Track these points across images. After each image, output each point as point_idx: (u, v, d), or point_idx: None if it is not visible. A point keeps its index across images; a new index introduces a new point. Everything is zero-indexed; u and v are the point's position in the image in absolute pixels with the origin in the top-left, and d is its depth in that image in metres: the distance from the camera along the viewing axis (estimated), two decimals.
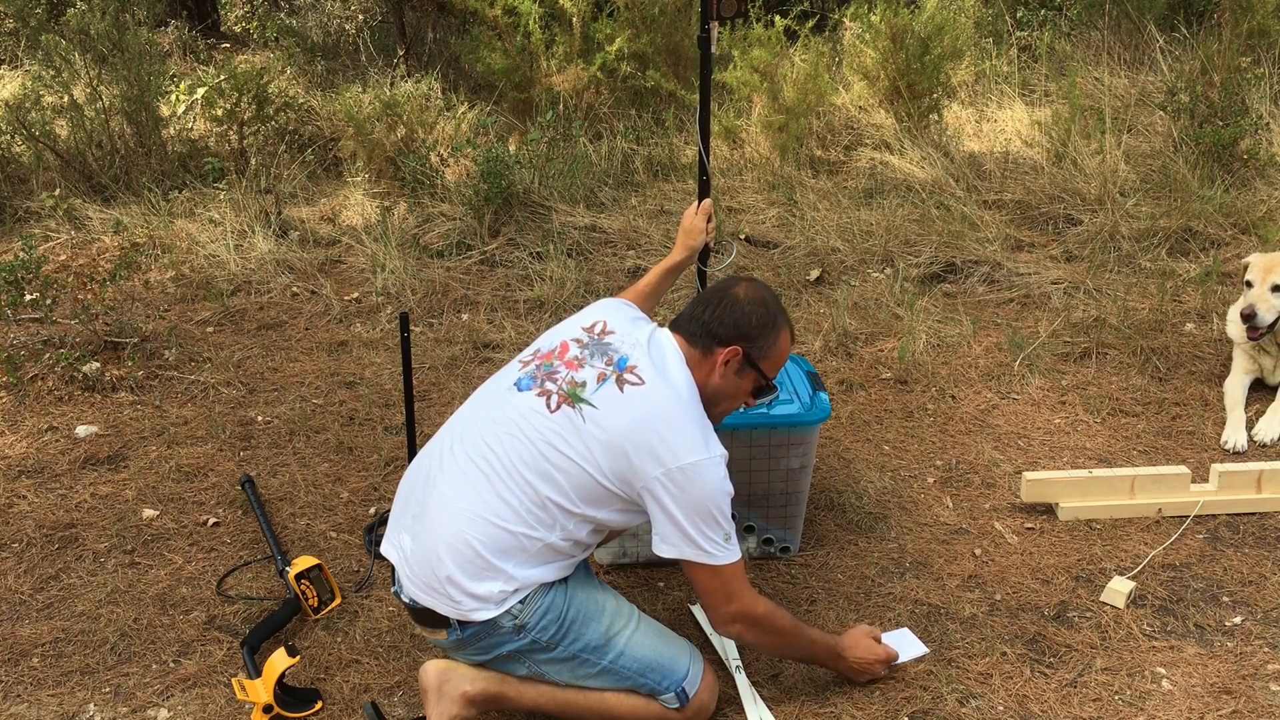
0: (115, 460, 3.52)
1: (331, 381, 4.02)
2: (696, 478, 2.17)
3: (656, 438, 2.17)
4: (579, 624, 2.26)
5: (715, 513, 2.20)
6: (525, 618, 2.22)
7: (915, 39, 6.03)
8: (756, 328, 2.32)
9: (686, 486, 2.17)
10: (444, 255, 5.06)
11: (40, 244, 4.97)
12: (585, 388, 2.24)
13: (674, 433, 2.18)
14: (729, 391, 2.36)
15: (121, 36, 5.92)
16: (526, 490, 2.20)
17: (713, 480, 2.19)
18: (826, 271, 4.82)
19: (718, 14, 2.65)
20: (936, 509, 3.21)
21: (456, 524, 2.21)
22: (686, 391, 2.26)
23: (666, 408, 2.21)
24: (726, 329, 2.31)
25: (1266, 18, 6.13)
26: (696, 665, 2.34)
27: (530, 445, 2.21)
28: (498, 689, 2.29)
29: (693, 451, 2.18)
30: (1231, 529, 3.08)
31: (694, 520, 2.19)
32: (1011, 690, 2.48)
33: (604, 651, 2.27)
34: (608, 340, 2.33)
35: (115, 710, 2.48)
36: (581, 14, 6.49)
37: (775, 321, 2.35)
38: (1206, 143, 5.40)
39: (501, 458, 2.22)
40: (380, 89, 6.31)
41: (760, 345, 2.33)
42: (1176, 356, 4.03)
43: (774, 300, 2.38)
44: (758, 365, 2.35)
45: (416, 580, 2.26)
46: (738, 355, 2.31)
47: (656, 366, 2.27)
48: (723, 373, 2.32)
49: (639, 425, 2.18)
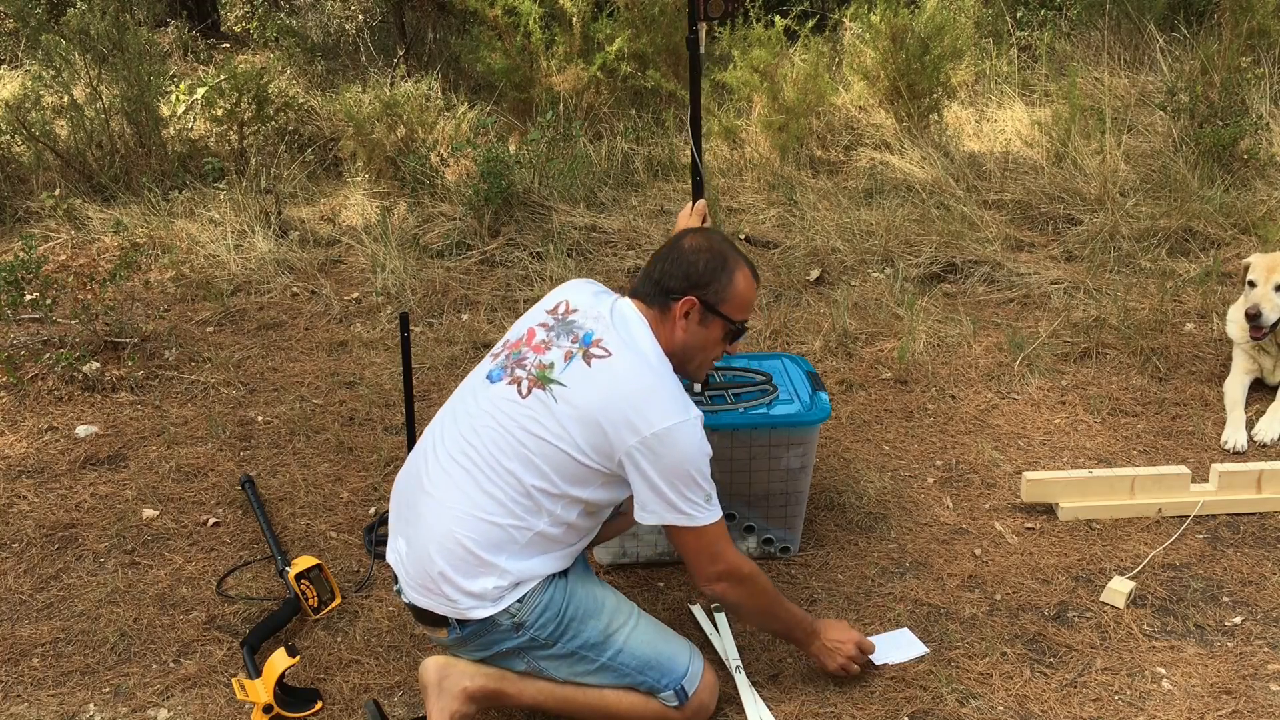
0: (115, 460, 3.52)
1: (331, 381, 4.02)
2: (673, 442, 2.16)
3: (629, 406, 2.16)
4: (578, 621, 2.26)
5: (694, 474, 2.19)
6: (523, 615, 2.22)
7: (915, 39, 6.03)
8: (706, 273, 2.30)
9: (663, 452, 2.16)
10: (444, 255, 5.06)
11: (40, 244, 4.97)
12: (554, 368, 2.23)
13: (646, 400, 2.18)
14: (698, 343, 2.34)
15: (121, 36, 5.92)
16: (509, 480, 2.20)
17: (690, 442, 2.18)
18: (826, 271, 4.82)
19: (705, 14, 2.66)
20: (936, 509, 3.21)
21: (445, 524, 2.21)
22: (654, 357, 2.26)
23: (636, 375, 2.21)
24: (677, 281, 2.30)
25: (1266, 18, 6.13)
26: (696, 663, 2.34)
27: (507, 434, 2.21)
28: (497, 685, 2.29)
29: (666, 416, 2.17)
30: (1231, 529, 3.08)
31: (674, 484, 2.18)
32: (1011, 690, 2.48)
33: (603, 649, 2.28)
34: (571, 319, 2.32)
35: (115, 710, 2.48)
36: (581, 14, 6.49)
37: (725, 263, 2.32)
38: (1206, 143, 5.40)
39: (481, 451, 2.23)
40: (380, 89, 6.31)
41: (714, 289, 2.30)
42: (1176, 356, 4.03)
43: (722, 242, 2.35)
44: (718, 310, 2.32)
45: (413, 582, 2.27)
46: (694, 305, 2.29)
47: (621, 336, 2.26)
48: (685, 326, 2.31)
49: (611, 397, 2.18)
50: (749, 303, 2.37)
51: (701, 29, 2.68)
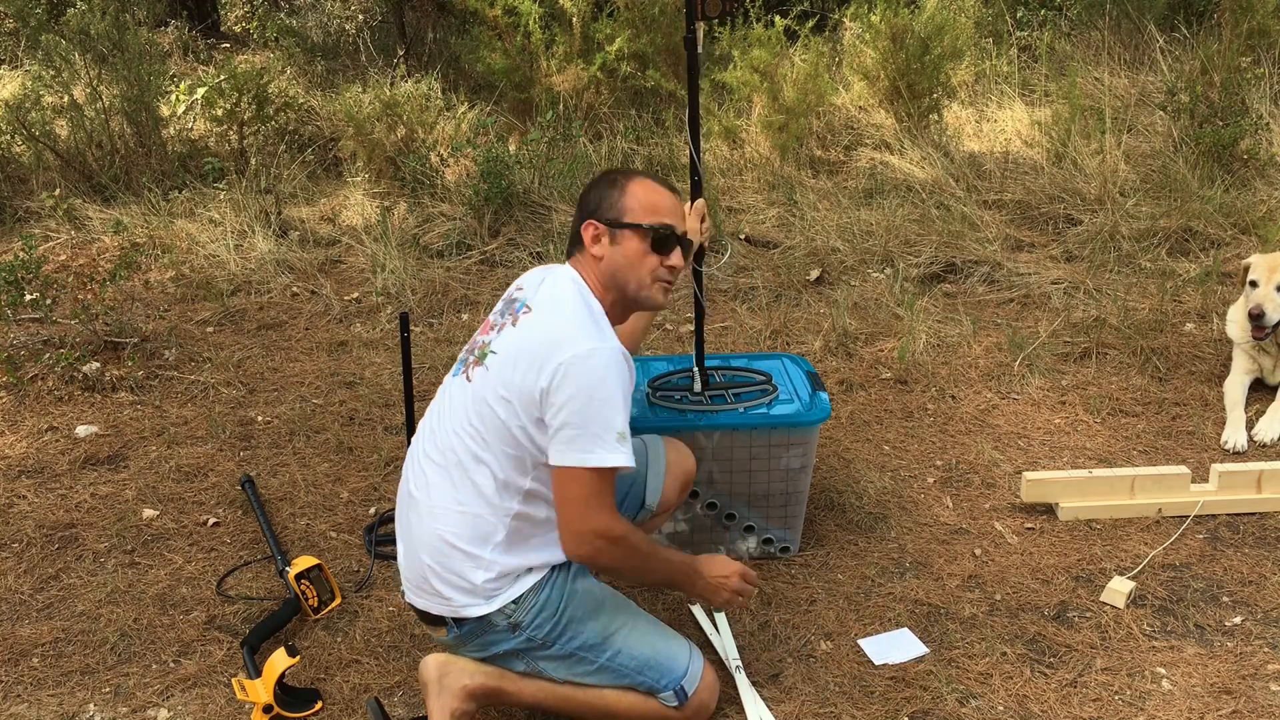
0: (115, 460, 3.52)
1: (331, 381, 4.03)
2: (586, 368, 2.12)
3: (545, 343, 2.17)
4: (576, 622, 2.26)
5: (605, 406, 2.13)
6: (520, 616, 2.22)
7: (915, 39, 6.03)
8: (596, 196, 2.32)
9: (575, 375, 2.12)
10: (444, 255, 5.06)
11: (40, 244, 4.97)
12: (490, 344, 2.28)
13: (560, 333, 2.17)
14: (623, 262, 2.30)
15: (121, 36, 5.92)
16: (476, 468, 2.21)
17: (603, 369, 2.14)
18: (826, 271, 4.82)
19: (703, 14, 2.66)
20: (936, 509, 3.21)
21: (428, 524, 2.24)
22: (574, 300, 2.25)
23: (551, 318, 2.22)
24: (576, 218, 2.35)
25: (1266, 18, 6.13)
26: (696, 663, 2.33)
27: (464, 422, 2.24)
28: (497, 684, 2.29)
29: (577, 343, 2.15)
30: (1231, 529, 3.08)
31: (584, 413, 2.12)
32: (1011, 690, 2.48)
33: (601, 649, 2.27)
34: (515, 296, 2.36)
35: (115, 710, 2.48)
36: (581, 14, 6.49)
37: (613, 179, 2.34)
38: (1206, 143, 5.40)
39: (449, 446, 2.25)
40: (380, 89, 6.31)
41: (608, 205, 2.31)
42: (1176, 356, 4.03)
43: (620, 170, 2.37)
44: (621, 223, 2.30)
45: (410, 585, 2.31)
46: (594, 227, 2.30)
47: (545, 293, 2.28)
48: (598, 252, 2.30)
49: (531, 337, 2.20)
50: (655, 204, 2.31)
51: (699, 29, 2.68)
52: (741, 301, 4.60)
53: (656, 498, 2.55)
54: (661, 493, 2.56)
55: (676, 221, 2.34)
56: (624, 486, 2.52)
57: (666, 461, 2.58)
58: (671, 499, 2.60)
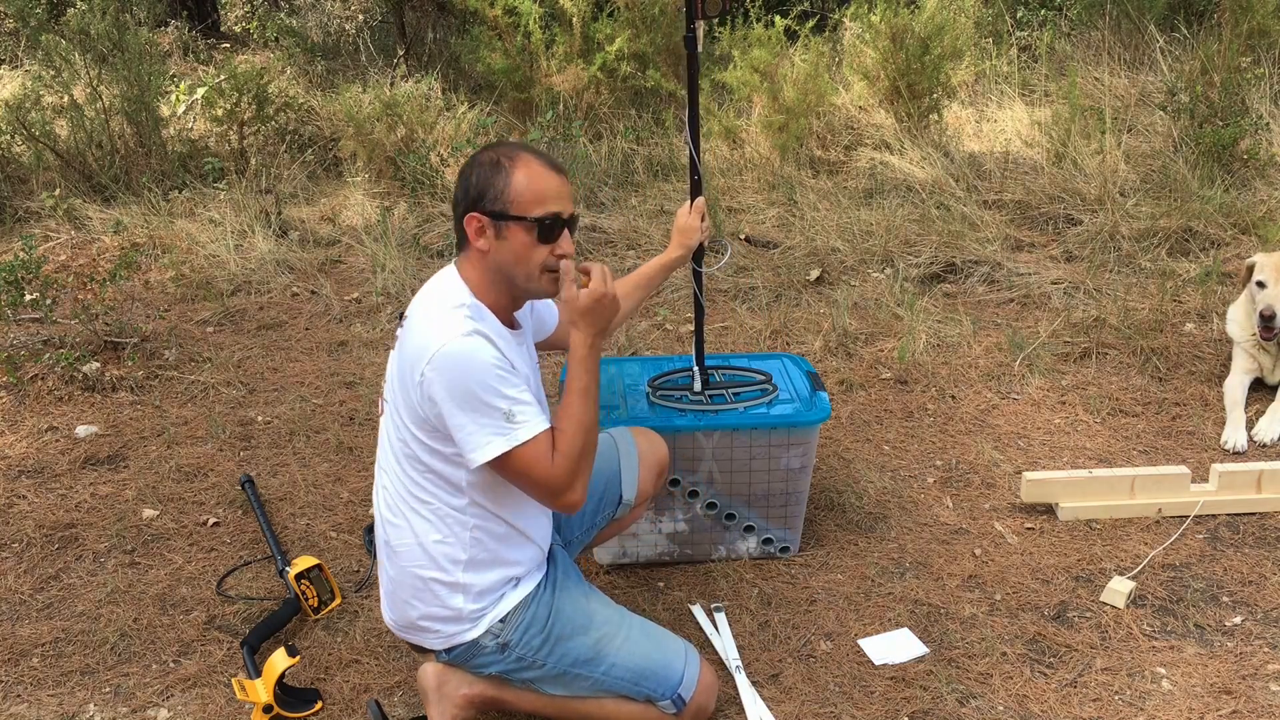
0: (115, 460, 3.52)
1: (331, 381, 4.03)
2: (448, 361, 2.00)
3: (414, 352, 2.05)
4: (566, 638, 2.22)
5: (479, 391, 2.00)
6: (507, 635, 2.20)
7: (915, 39, 6.03)
8: (478, 183, 2.09)
9: (441, 374, 2.00)
10: (444, 255, 5.06)
11: (40, 244, 4.97)
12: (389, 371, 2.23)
13: (423, 336, 2.05)
14: (509, 258, 2.11)
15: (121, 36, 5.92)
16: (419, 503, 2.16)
17: (462, 356, 2.00)
18: (826, 271, 4.82)
19: (703, 13, 2.65)
20: (936, 509, 3.21)
21: (399, 564, 2.21)
22: (442, 298, 2.11)
23: (418, 324, 2.09)
24: (459, 207, 2.12)
25: (1266, 18, 6.14)
26: (692, 667, 2.29)
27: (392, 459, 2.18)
28: (496, 692, 2.29)
29: (435, 338, 2.02)
30: (1231, 529, 3.08)
31: (466, 407, 2.01)
32: (1011, 690, 2.48)
33: (594, 664, 2.23)
34: None
35: (115, 710, 2.48)
36: (581, 14, 6.49)
37: (498, 165, 2.09)
38: (1206, 143, 5.40)
39: (392, 484, 2.21)
40: (380, 89, 6.32)
41: (493, 194, 2.07)
42: (1176, 356, 4.03)
43: (500, 148, 2.12)
44: (508, 215, 2.08)
45: (393, 622, 2.30)
46: (479, 221, 2.09)
47: (416, 303, 2.17)
48: (484, 246, 2.10)
49: (403, 356, 2.11)
50: (543, 192, 2.08)
51: (699, 27, 2.67)
52: (741, 301, 4.60)
53: (633, 491, 2.54)
54: (638, 484, 2.55)
55: (563, 206, 2.11)
56: (599, 484, 2.50)
57: (639, 452, 2.56)
58: (648, 488, 2.59)
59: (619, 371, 3.09)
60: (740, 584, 2.86)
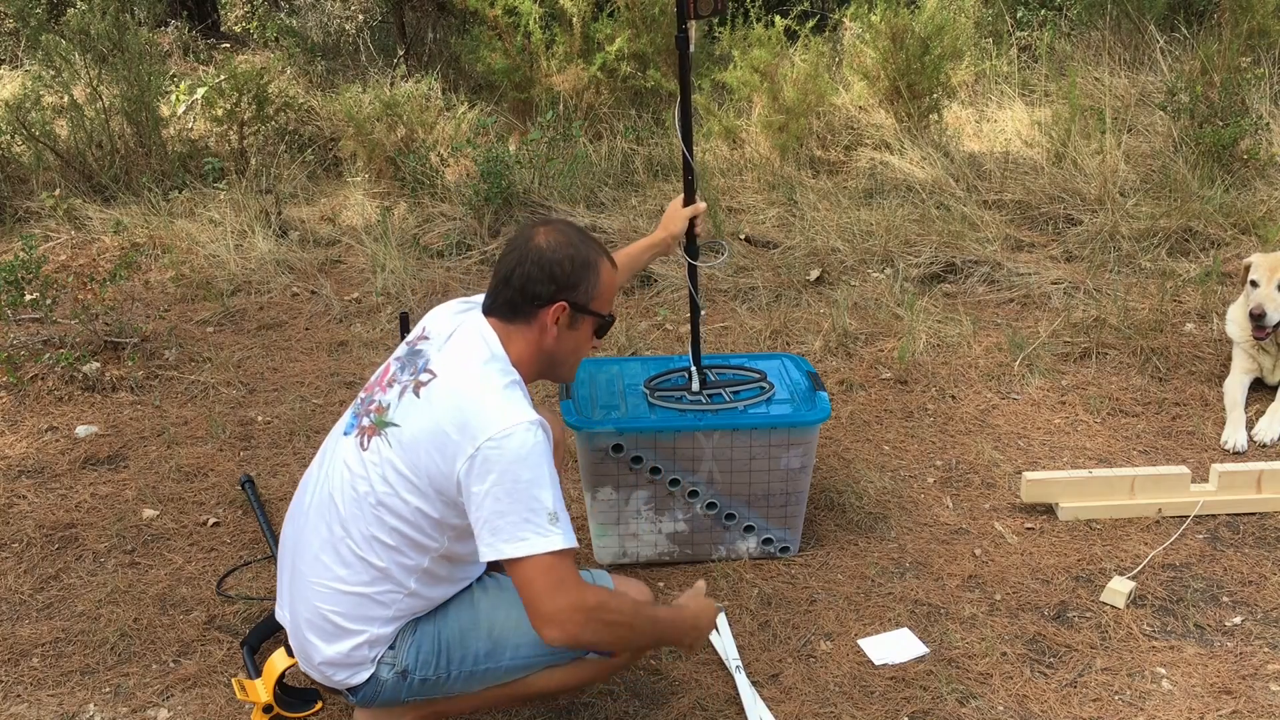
0: (115, 460, 3.52)
1: (331, 381, 4.03)
2: (508, 448, 1.94)
3: (452, 426, 1.98)
4: (458, 642, 2.15)
5: (532, 488, 1.95)
6: (402, 662, 2.13)
7: (915, 39, 6.03)
8: (574, 274, 2.11)
9: (496, 461, 1.94)
10: (444, 255, 5.06)
11: (40, 244, 4.97)
12: (389, 410, 2.09)
13: (472, 409, 1.98)
14: (570, 346, 2.18)
15: (121, 36, 5.92)
16: (371, 548, 2.06)
17: (525, 448, 1.95)
18: (826, 271, 4.82)
19: (695, 12, 2.65)
20: (936, 509, 3.21)
21: (311, 599, 2.11)
22: (486, 365, 2.05)
23: (460, 389, 2.02)
24: (544, 286, 2.10)
25: (1266, 18, 6.13)
26: None
27: (356, 495, 2.07)
28: (430, 707, 2.23)
29: (496, 419, 1.96)
30: (1231, 529, 3.08)
31: (512, 503, 1.94)
32: (1011, 690, 2.48)
33: (497, 654, 2.16)
34: (420, 347, 2.16)
35: (115, 710, 2.48)
36: (582, 14, 6.49)
37: (589, 259, 2.14)
38: (1206, 143, 5.40)
39: (338, 516, 2.09)
40: (380, 89, 6.32)
41: (584, 289, 2.13)
42: (1176, 356, 4.03)
43: (579, 236, 2.16)
44: (588, 309, 2.16)
45: (299, 657, 2.20)
46: (565, 310, 2.12)
47: (452, 352, 2.09)
48: (555, 332, 2.14)
49: (438, 417, 2.00)
50: (614, 293, 2.23)
51: (691, 27, 2.67)
52: (741, 301, 4.60)
53: None
54: None
55: None
56: None
57: None
58: None
59: (620, 371, 3.09)
60: (740, 584, 2.86)
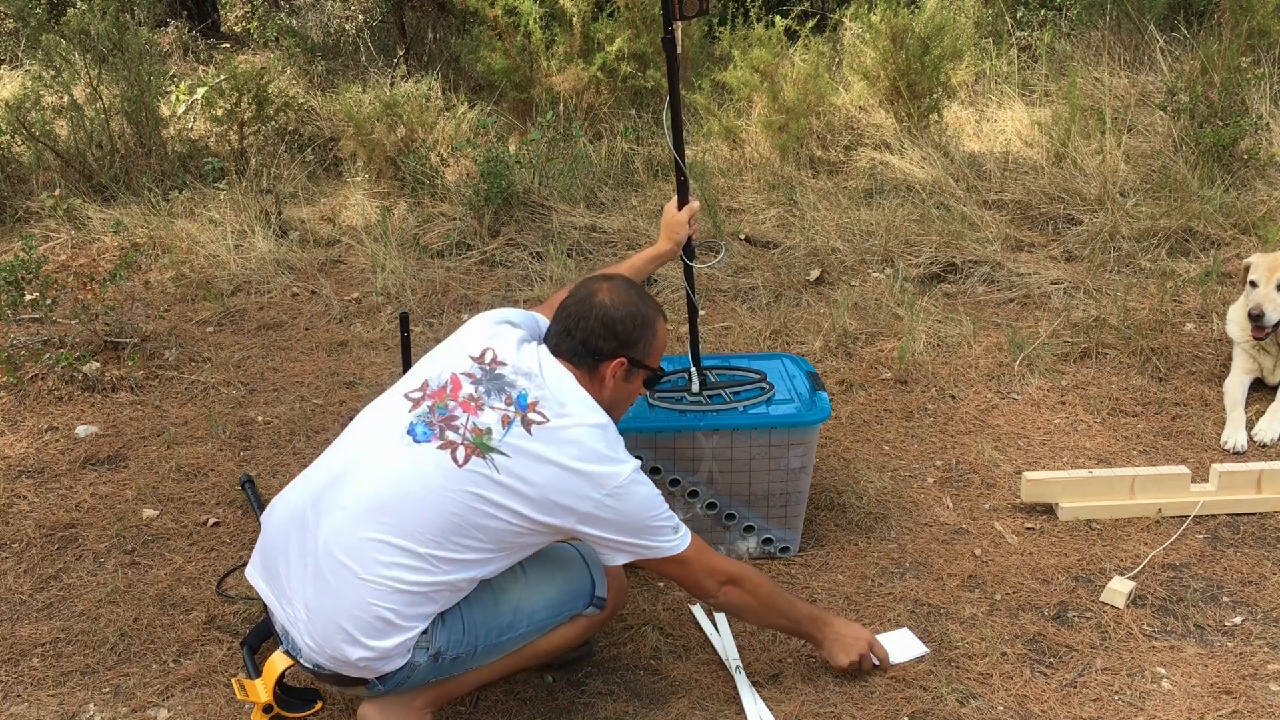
0: (115, 460, 3.52)
1: (331, 381, 4.03)
2: (626, 498, 2.16)
3: (576, 477, 2.14)
4: (483, 620, 2.25)
5: (652, 521, 2.21)
6: (435, 644, 2.19)
7: (915, 39, 6.03)
8: (635, 332, 2.31)
9: (619, 508, 2.16)
10: (444, 255, 5.06)
11: (40, 244, 4.97)
12: (491, 434, 2.14)
13: (591, 463, 2.15)
14: (623, 396, 2.38)
15: (121, 36, 5.92)
16: (441, 548, 2.11)
17: (640, 493, 2.19)
18: (826, 271, 4.82)
19: (680, 14, 2.65)
20: (936, 509, 3.21)
21: (365, 596, 2.10)
22: (591, 414, 2.21)
23: (578, 443, 2.15)
24: (606, 342, 2.29)
25: (1266, 18, 6.13)
26: (597, 569, 2.38)
27: (441, 505, 2.11)
28: (437, 691, 2.29)
29: (614, 476, 2.16)
30: (1231, 529, 3.08)
31: (637, 534, 2.20)
32: (1011, 690, 2.48)
33: (516, 624, 2.29)
34: (500, 373, 2.22)
35: (115, 710, 2.48)
36: (582, 14, 6.49)
37: (648, 319, 2.34)
38: (1206, 143, 5.40)
39: (406, 519, 2.11)
40: (380, 89, 6.32)
41: (641, 347, 2.33)
42: (1176, 356, 4.03)
43: (639, 296, 2.34)
44: (643, 364, 2.36)
45: (322, 654, 2.17)
46: (623, 365, 2.31)
47: (557, 397, 2.19)
48: (613, 385, 2.32)
49: (557, 469, 2.13)
50: (665, 348, 2.43)
51: (677, 28, 2.68)
52: (741, 301, 4.60)
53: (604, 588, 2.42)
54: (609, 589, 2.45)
55: None
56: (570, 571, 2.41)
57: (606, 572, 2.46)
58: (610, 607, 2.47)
59: None
60: None
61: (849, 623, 2.52)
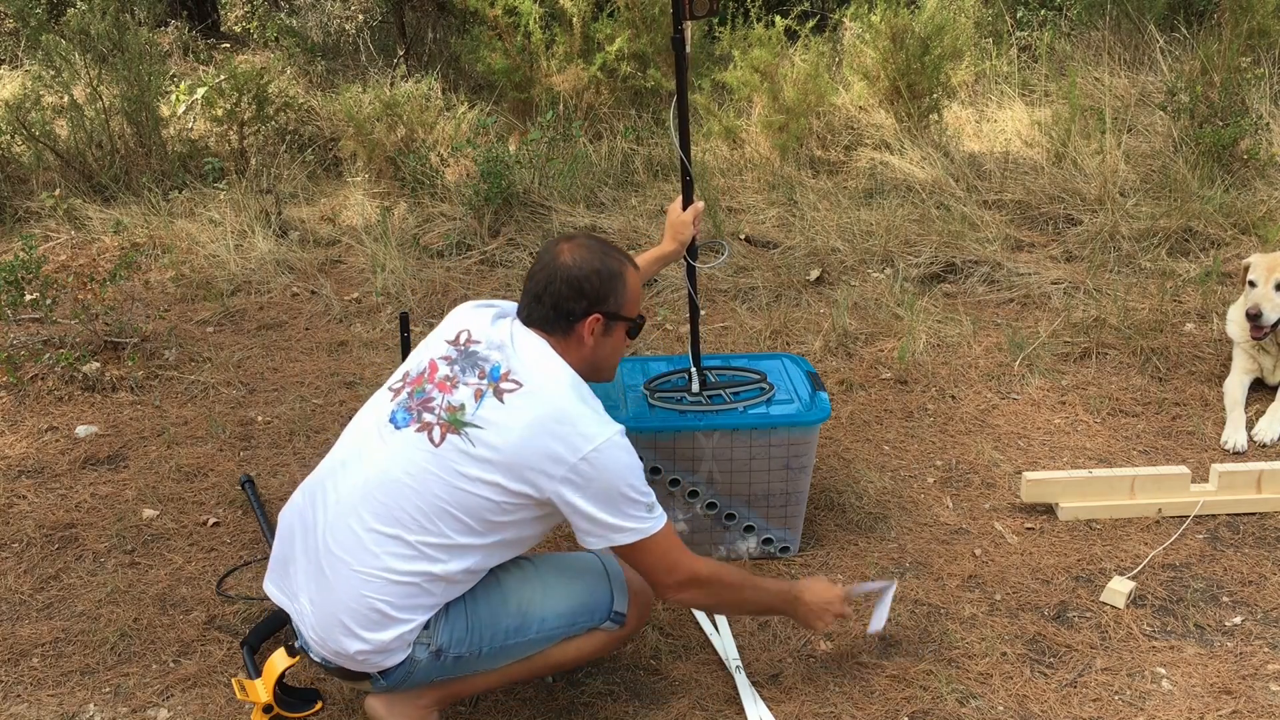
0: (115, 460, 3.52)
1: (331, 381, 4.03)
2: (601, 463, 2.09)
3: (550, 438, 2.09)
4: (489, 620, 2.22)
5: (629, 491, 2.12)
6: (437, 641, 2.18)
7: (915, 39, 6.03)
8: (603, 286, 2.24)
9: (594, 475, 2.09)
10: (444, 255, 5.06)
11: (40, 244, 4.97)
12: (464, 410, 2.13)
13: (565, 426, 2.10)
14: (607, 351, 2.31)
15: (121, 36, 5.92)
16: (428, 535, 2.10)
17: (618, 459, 2.12)
18: (826, 271, 4.82)
19: (690, 13, 2.65)
20: (936, 509, 3.21)
21: (354, 587, 2.11)
22: (566, 378, 2.17)
23: (550, 403, 2.12)
24: (576, 303, 2.22)
25: (1266, 18, 6.13)
26: (617, 579, 2.32)
27: (422, 487, 2.10)
28: (444, 691, 2.28)
29: (589, 438, 2.09)
30: (1231, 529, 3.08)
31: (610, 506, 2.12)
32: (1011, 690, 2.48)
33: (525, 628, 2.25)
34: (474, 349, 2.22)
35: (115, 710, 2.48)
36: (582, 14, 6.49)
37: (615, 271, 2.26)
38: (1206, 143, 5.40)
39: (393, 507, 2.11)
40: (380, 89, 6.31)
41: (613, 300, 2.26)
42: (1176, 356, 4.03)
43: (603, 250, 2.28)
44: (620, 315, 2.29)
45: (325, 648, 2.18)
46: (599, 321, 2.25)
47: (528, 364, 2.17)
48: (592, 342, 2.26)
49: (529, 431, 2.09)
50: (639, 292, 2.35)
51: (687, 28, 2.67)
52: (741, 301, 4.60)
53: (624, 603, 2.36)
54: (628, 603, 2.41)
55: None
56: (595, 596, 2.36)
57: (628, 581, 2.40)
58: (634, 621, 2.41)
59: (620, 372, 3.09)
60: None
61: (818, 587, 2.44)
